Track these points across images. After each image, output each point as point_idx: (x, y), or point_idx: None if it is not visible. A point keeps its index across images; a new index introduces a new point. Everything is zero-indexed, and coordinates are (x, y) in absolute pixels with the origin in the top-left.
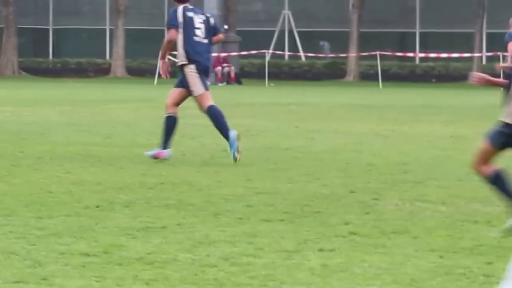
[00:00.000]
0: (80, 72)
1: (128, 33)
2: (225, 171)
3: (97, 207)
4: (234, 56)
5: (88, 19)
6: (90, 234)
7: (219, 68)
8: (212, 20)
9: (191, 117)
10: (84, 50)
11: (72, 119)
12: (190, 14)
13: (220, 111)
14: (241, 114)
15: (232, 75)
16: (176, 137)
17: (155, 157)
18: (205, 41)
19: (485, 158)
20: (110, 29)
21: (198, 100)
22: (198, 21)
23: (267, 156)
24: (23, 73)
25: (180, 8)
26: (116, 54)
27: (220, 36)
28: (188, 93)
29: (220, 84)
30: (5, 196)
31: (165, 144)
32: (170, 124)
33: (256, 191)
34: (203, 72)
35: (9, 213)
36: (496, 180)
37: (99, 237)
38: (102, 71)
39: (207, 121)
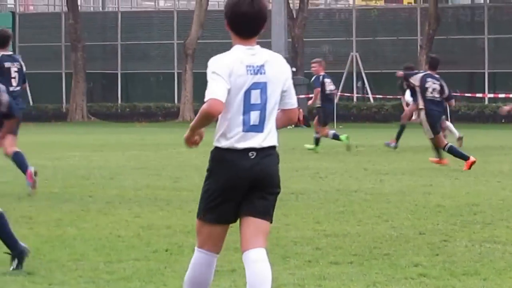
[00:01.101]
0: (149, 116)
1: (197, 77)
2: (294, 214)
3: (166, 250)
4: (302, 98)
5: (156, 63)
6: (159, 278)
7: None
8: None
9: None
10: (153, 94)
11: (141, 163)
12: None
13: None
14: (310, 157)
15: (301, 117)
16: None
17: None
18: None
19: None
20: (178, 73)
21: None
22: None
23: (336, 198)
24: (92, 118)
25: None
26: (184, 98)
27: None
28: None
29: (289, 127)
30: (74, 240)
31: None
32: None
33: (325, 233)
34: None
35: (78, 258)
36: None
37: (168, 281)
38: (171, 115)
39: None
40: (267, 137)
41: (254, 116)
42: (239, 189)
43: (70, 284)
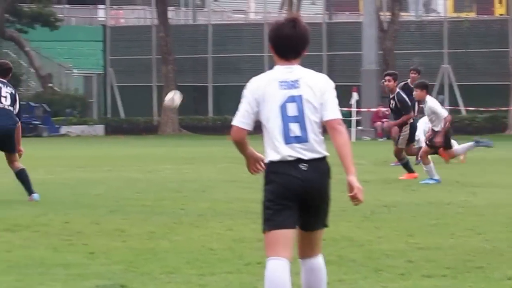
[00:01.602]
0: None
1: None
2: (386, 227)
3: (259, 263)
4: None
5: (247, 76)
6: None
7: (378, 123)
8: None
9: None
10: None
11: (232, 176)
12: None
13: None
14: (400, 170)
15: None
16: (336, 193)
17: None
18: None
19: None
20: None
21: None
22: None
23: (428, 211)
24: (183, 130)
25: None
26: None
27: None
28: None
29: (380, 139)
30: (167, 253)
31: None
32: None
33: (417, 246)
34: None
35: (171, 271)
36: None
37: None
38: (261, 128)
39: (366, 177)
40: (314, 147)
41: (295, 128)
42: (293, 197)
43: None
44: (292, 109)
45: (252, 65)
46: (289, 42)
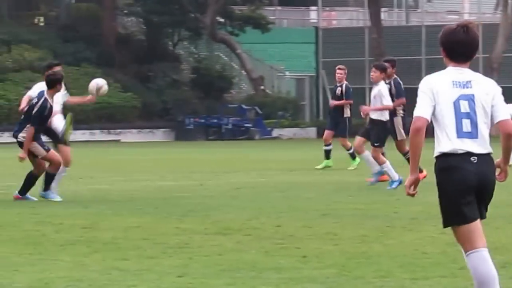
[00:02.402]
0: None
1: (504, 91)
2: None
3: None
4: None
5: None
6: None
7: None
8: None
9: None
10: None
11: None
12: None
13: None
14: None
15: None
16: None
17: None
18: None
19: None
20: None
21: None
22: None
23: None
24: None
25: None
26: None
27: None
28: None
29: None
30: (380, 257)
31: None
32: None
33: None
34: None
35: (384, 275)
36: None
37: None
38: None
39: None
40: (483, 144)
41: (466, 123)
42: (468, 189)
43: None
44: (464, 106)
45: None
46: (461, 47)
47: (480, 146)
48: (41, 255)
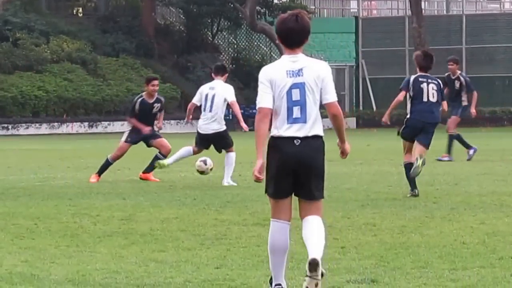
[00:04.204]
0: (495, 121)
1: None
2: None
3: None
4: None
5: (502, 66)
6: (504, 286)
7: None
8: None
9: None
10: (498, 98)
11: (486, 169)
12: None
13: None
14: None
15: None
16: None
17: None
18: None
19: None
20: None
21: None
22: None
23: None
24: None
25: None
26: None
27: None
28: None
29: None
30: (419, 247)
31: None
32: None
33: None
34: None
35: (423, 265)
36: None
37: None
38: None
39: None
40: (310, 128)
41: (297, 110)
42: (287, 168)
43: None
44: (296, 95)
45: (507, 55)
46: (293, 34)
47: (306, 130)
48: (78, 247)
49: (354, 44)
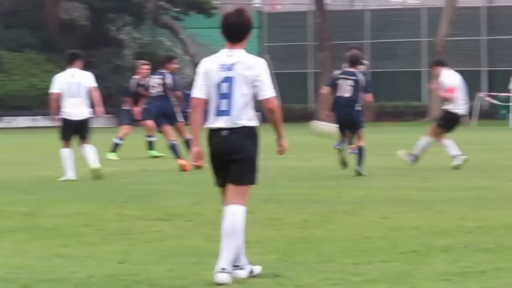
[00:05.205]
0: (397, 116)
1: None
2: None
3: (415, 252)
4: None
5: (404, 61)
6: (407, 280)
7: None
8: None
9: None
10: (400, 93)
11: (388, 163)
12: None
13: None
14: None
15: None
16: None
17: None
18: None
19: None
20: (427, 71)
21: None
22: None
23: None
24: None
25: None
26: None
27: None
28: None
29: None
30: (322, 242)
31: None
32: None
33: None
34: None
35: (325, 259)
36: None
37: (416, 283)
38: (419, 114)
39: None
40: (236, 119)
41: (224, 103)
42: (218, 158)
43: (317, 286)
44: (225, 88)
45: (409, 51)
46: (234, 29)
47: (233, 122)
48: None
49: (258, 39)
